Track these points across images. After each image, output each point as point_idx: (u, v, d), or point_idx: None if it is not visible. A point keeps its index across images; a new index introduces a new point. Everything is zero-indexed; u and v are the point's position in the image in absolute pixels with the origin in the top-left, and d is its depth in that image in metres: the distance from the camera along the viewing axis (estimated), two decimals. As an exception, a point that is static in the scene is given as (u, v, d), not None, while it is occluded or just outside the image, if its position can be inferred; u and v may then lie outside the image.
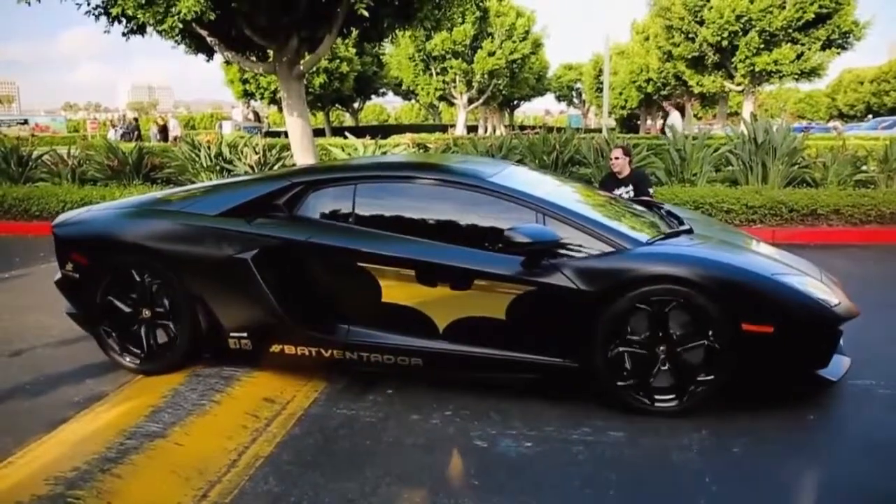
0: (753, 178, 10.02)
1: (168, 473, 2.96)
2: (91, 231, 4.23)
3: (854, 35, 23.11)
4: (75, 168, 10.99)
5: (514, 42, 30.27)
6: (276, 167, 10.10)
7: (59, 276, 4.31)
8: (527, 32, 31.04)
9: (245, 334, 3.91)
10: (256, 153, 10.14)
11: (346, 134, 12.81)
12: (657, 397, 3.48)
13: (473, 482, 2.90)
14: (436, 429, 3.39)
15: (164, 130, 23.48)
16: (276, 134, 23.33)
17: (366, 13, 8.41)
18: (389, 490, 2.84)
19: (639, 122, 47.87)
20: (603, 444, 3.21)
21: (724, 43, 23.68)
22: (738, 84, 24.86)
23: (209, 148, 10.35)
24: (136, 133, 24.25)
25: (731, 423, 3.40)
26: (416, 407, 3.61)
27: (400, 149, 10.72)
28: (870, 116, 36.10)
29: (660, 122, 44.81)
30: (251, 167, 10.07)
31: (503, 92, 33.67)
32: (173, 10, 7.94)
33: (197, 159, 10.34)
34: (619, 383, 3.48)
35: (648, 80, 37.55)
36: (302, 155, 10.30)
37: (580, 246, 3.57)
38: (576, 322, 3.47)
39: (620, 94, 42.82)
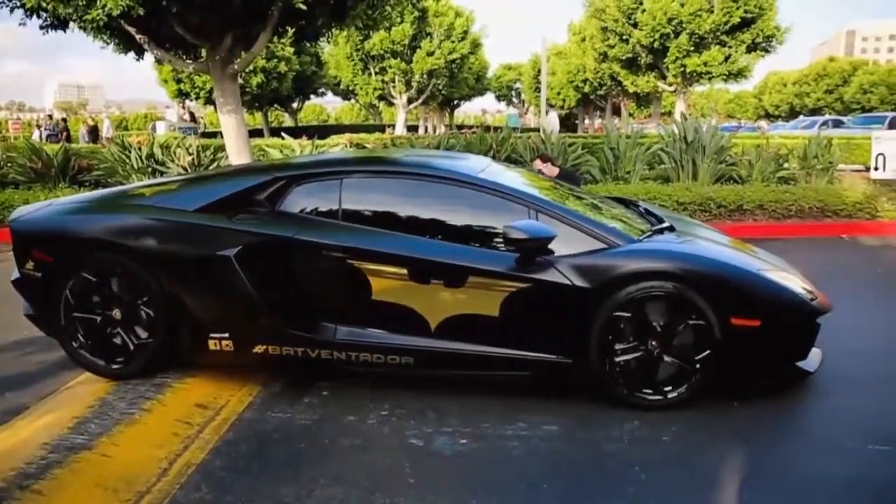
0: (684, 175, 10.33)
1: (94, 487, 2.85)
2: (56, 226, 3.97)
3: (776, 39, 24.05)
4: (-5, 171, 10.52)
5: (453, 42, 30.34)
6: (210, 168, 9.88)
7: (16, 275, 4.04)
8: (465, 32, 31.15)
9: (227, 335, 3.73)
10: (190, 154, 9.91)
11: (283, 134, 12.61)
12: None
13: (409, 481, 2.90)
14: (372, 429, 3.37)
15: (94, 131, 22.70)
16: (213, 134, 22.80)
17: (303, 7, 8.29)
18: (325, 492, 2.81)
19: (577, 122, 48.67)
20: (537, 439, 3.25)
21: (657, 45, 24.31)
22: (671, 84, 25.57)
23: (140, 149, 10.06)
24: (64, 134, 23.36)
25: (662, 412, 3.49)
26: (352, 408, 3.59)
27: (337, 149, 10.61)
28: (802, 117, 37.61)
29: (598, 121, 45.71)
30: (184, 168, 9.83)
31: (443, 92, 33.70)
32: (96, 3, 7.66)
33: (127, 161, 10.04)
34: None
35: (585, 80, 38.16)
36: (237, 156, 10.09)
37: (572, 243, 3.58)
38: (570, 318, 3.49)
39: (559, 93, 43.44)
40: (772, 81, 61.33)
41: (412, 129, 37.82)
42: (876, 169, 9.76)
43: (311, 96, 42.13)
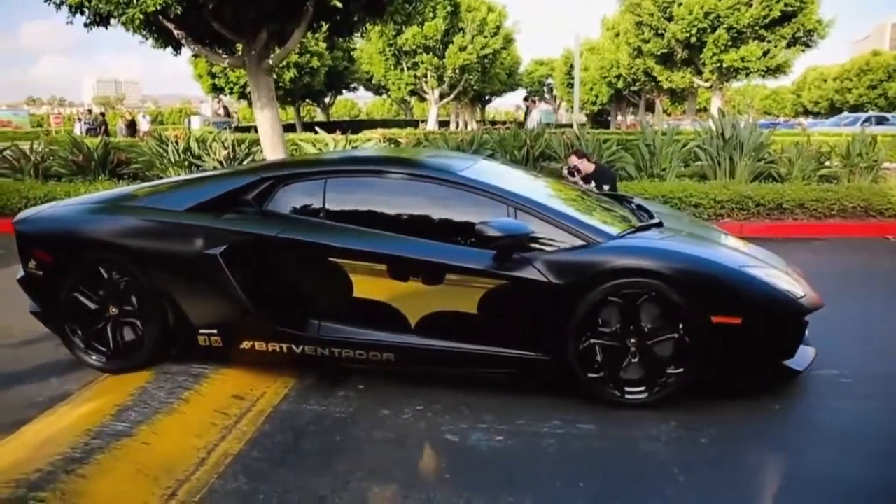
0: (721, 172, 10.17)
1: (135, 473, 2.91)
2: (55, 228, 4.15)
3: (818, 33, 23.56)
4: (38, 163, 10.78)
5: (485, 37, 30.31)
6: (245, 162, 10.00)
7: (21, 274, 4.22)
8: (498, 27, 31.10)
9: (215, 331, 3.86)
10: (225, 148, 10.03)
11: (317, 129, 12.70)
12: (627, 389, 3.51)
13: (445, 476, 2.91)
14: (406, 423, 3.39)
15: (132, 126, 23.12)
16: (246, 129, 23.07)
17: (339, 4, 8.35)
18: (360, 485, 2.83)
19: (609, 118, 48.25)
20: (573, 437, 3.24)
21: (693, 39, 23.99)
22: (707, 80, 25.21)
23: (177, 143, 10.21)
24: (102, 128, 23.85)
25: (699, 413, 3.45)
26: (387, 402, 3.61)
27: (370, 144, 10.65)
28: (846, 113, 36.83)
29: (630, 117, 45.26)
30: (220, 162, 9.96)
31: (474, 87, 33.71)
32: (135, 1, 7.81)
33: (164, 155, 10.20)
34: (590, 376, 3.51)
35: (619, 76, 37.83)
36: (271, 150, 10.21)
37: (551, 240, 3.57)
38: (547, 315, 3.49)
39: (591, 89, 43.12)
40: (811, 77, 60.02)
41: (444, 124, 37.81)
42: None
43: (343, 91, 42.36)
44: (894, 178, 10.13)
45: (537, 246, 3.55)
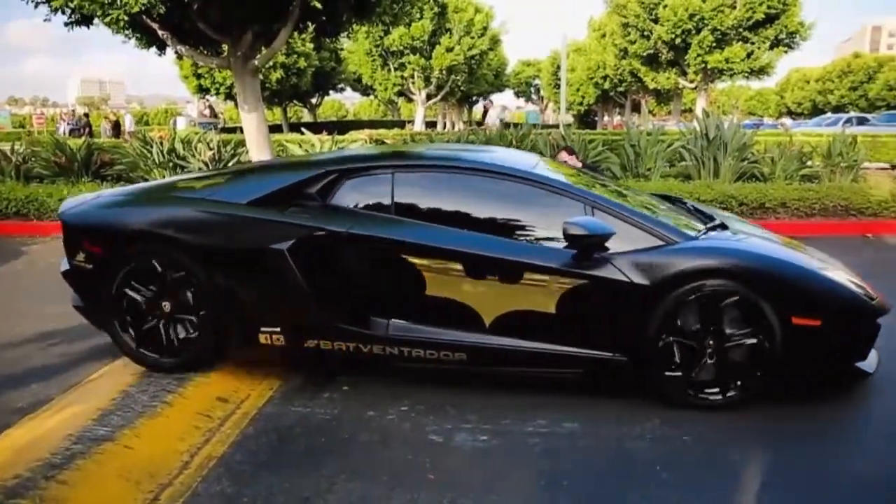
0: (705, 172, 10.24)
1: (117, 478, 2.88)
2: (107, 219, 3.97)
3: (800, 35, 23.80)
4: (20, 165, 10.66)
5: (472, 38, 30.32)
6: (230, 163, 9.95)
7: (65, 266, 4.07)
8: (485, 28, 31.12)
9: (278, 329, 3.72)
10: (210, 149, 9.98)
11: (303, 130, 12.66)
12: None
13: (429, 476, 2.89)
14: (391, 424, 3.37)
15: (117, 126, 22.94)
16: (233, 130, 22.93)
17: (319, 5, 8.32)
18: (345, 487, 2.82)
19: (596, 118, 48.44)
20: (558, 436, 3.24)
21: (678, 41, 24.15)
22: (692, 81, 25.38)
23: (161, 144, 10.14)
24: (86, 129, 23.64)
25: (683, 411, 3.47)
26: (372, 403, 3.59)
27: (357, 144, 10.63)
28: (828, 114, 37.20)
29: (617, 117, 45.46)
30: (205, 163, 9.90)
31: (462, 88, 33.72)
32: (120, 1, 7.74)
33: (149, 156, 10.13)
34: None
35: (605, 77, 38.01)
36: (257, 151, 10.16)
37: (629, 239, 3.53)
38: (627, 316, 3.46)
39: (578, 90, 43.30)
40: (794, 78, 60.70)
41: (431, 125, 37.83)
42: None
43: (330, 92, 42.27)
44: (873, 177, 10.29)
45: (615, 245, 3.50)
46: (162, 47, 9.95)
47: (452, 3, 29.59)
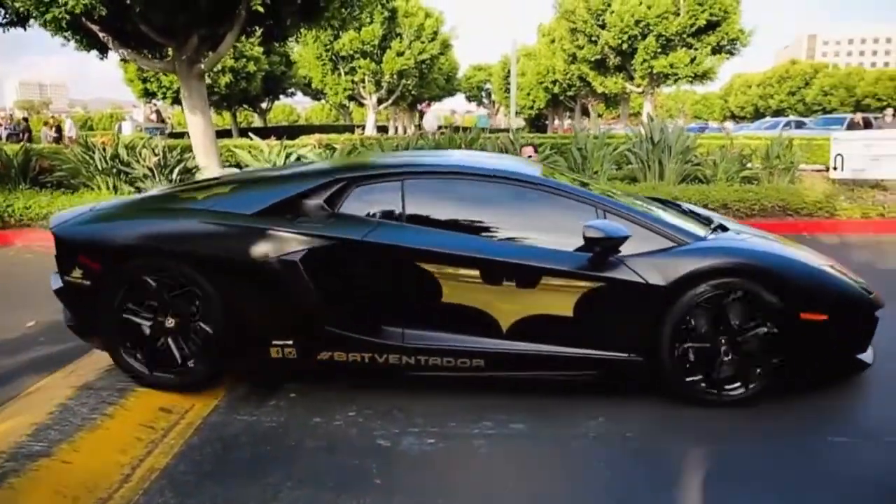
0: (651, 175, 10.45)
1: (53, 494, 2.79)
2: (108, 232, 3.78)
3: (740, 42, 24.50)
4: (-48, 172, 10.23)
5: (422, 42, 30.37)
6: (176, 169, 9.76)
7: (58, 284, 3.84)
8: (435, 33, 31.20)
9: (290, 342, 3.64)
10: (156, 155, 9.76)
11: (250, 135, 12.51)
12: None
13: (376, 481, 2.89)
14: (339, 430, 3.36)
15: (59, 131, 22.29)
16: (181, 135, 22.52)
17: (261, 9, 8.23)
18: (291, 494, 2.79)
19: (547, 122, 48.99)
20: (504, 437, 3.27)
21: (625, 46, 24.61)
22: (638, 86, 25.90)
23: (104, 150, 9.87)
24: (26, 134, 22.91)
25: (626, 409, 3.55)
26: (319, 409, 3.57)
27: (306, 150, 10.54)
28: (767, 118, 38.36)
29: (567, 121, 46.05)
30: (150, 170, 9.68)
31: (412, 92, 33.73)
32: (58, 1, 7.52)
33: (91, 162, 9.85)
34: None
35: (555, 82, 38.51)
36: (204, 156, 10.01)
37: (639, 241, 3.59)
38: (642, 316, 3.51)
39: (528, 94, 43.74)
40: (737, 83, 62.49)
41: (382, 129, 37.73)
42: (835, 169, 10.01)
43: (281, 96, 41.90)
44: (809, 179, 10.67)
45: (628, 248, 3.54)
46: (104, 50, 9.71)
47: (402, 8, 29.59)
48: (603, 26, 25.02)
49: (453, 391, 3.73)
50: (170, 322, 3.67)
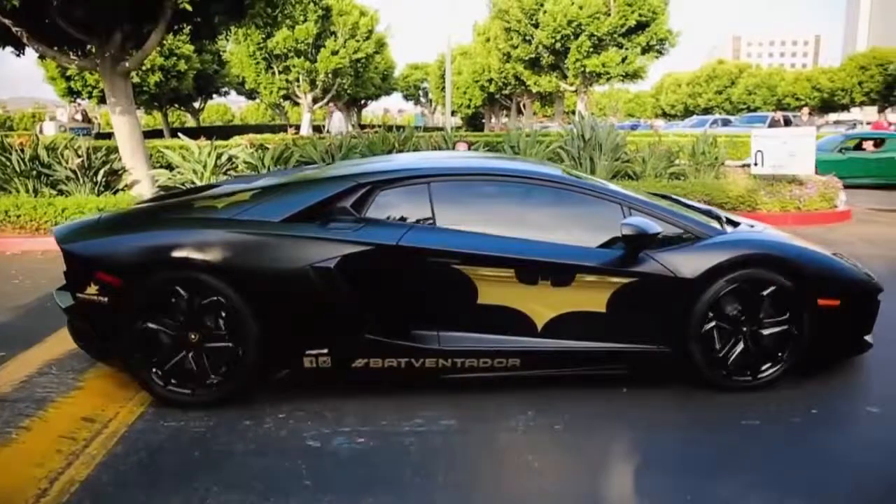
0: (583, 171, 10.59)
1: (-36, 509, 2.68)
2: (128, 245, 3.62)
3: (669, 42, 25.16)
4: None
5: (357, 41, 30.11)
6: (102, 171, 9.44)
7: (69, 301, 3.67)
8: (370, 32, 30.98)
9: (325, 350, 3.58)
10: (79, 156, 9.41)
11: (180, 135, 12.19)
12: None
13: (305, 483, 2.87)
14: (268, 433, 3.32)
15: (-26, 132, 21.23)
16: (108, 135, 21.81)
17: (188, 6, 8.03)
18: (218, 499, 2.74)
19: (483, 121, 49.31)
20: (434, 434, 3.29)
21: (558, 45, 24.96)
22: (572, 84, 26.32)
23: (22, 151, 9.46)
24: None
25: (556, 402, 3.62)
26: (249, 412, 3.52)
27: (237, 150, 10.33)
28: (695, 116, 39.53)
29: (504, 120, 46.48)
30: (74, 172, 9.33)
31: (348, 91, 33.45)
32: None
33: (8, 164, 9.41)
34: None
35: (490, 80, 38.76)
36: (130, 157, 9.72)
37: (667, 236, 3.73)
38: (671, 309, 3.64)
39: (465, 93, 43.90)
40: (667, 82, 64.11)
41: (318, 129, 37.33)
42: (755, 164, 10.30)
43: (214, 96, 40.91)
44: (732, 174, 11.11)
45: (657, 243, 3.66)
46: (19, 46, 9.31)
47: (337, 7, 29.29)
48: (536, 26, 25.33)
49: (385, 390, 3.73)
50: (199, 337, 3.55)
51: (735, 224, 4.30)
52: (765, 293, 3.68)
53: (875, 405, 3.65)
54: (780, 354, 3.76)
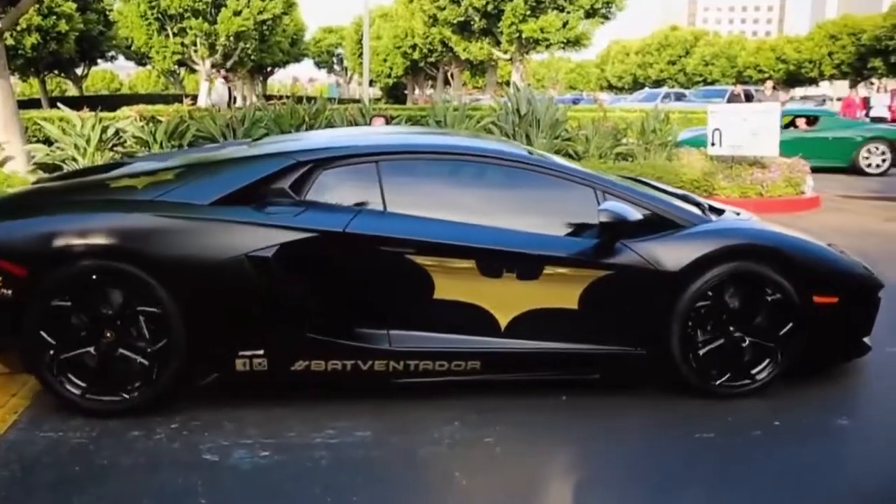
0: (519, 151, 10.80)
1: None
2: (37, 231, 3.53)
3: (616, 5, 25.63)
4: None
5: (263, 1, 29.67)
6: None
7: None
8: (278, -11, 30.60)
9: (261, 352, 3.53)
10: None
11: (60, 105, 11.83)
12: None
13: (201, 501, 2.87)
14: (159, 445, 3.31)
15: None
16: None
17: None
18: (101, 522, 2.75)
19: (406, 92, 49.20)
20: (348, 447, 3.31)
21: (491, 8, 25.13)
22: (506, 52, 26.54)
23: None
24: None
25: (486, 411, 3.65)
26: (137, 422, 3.48)
27: (126, 123, 10.11)
28: (645, 89, 40.22)
29: (429, 91, 46.51)
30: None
31: (252, 57, 33.07)
32: None
33: None
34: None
35: (414, 46, 38.77)
36: (3, 129, 9.53)
37: (647, 224, 3.69)
38: (651, 306, 3.63)
39: (385, 60, 43.73)
40: (614, 51, 65.17)
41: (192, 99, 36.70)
42: (713, 144, 10.28)
43: (99, 61, 39.83)
44: (686, 155, 11.08)
45: (635, 232, 3.64)
46: None
47: (240, -39, 28.80)
48: (467, -16, 25.41)
49: (291, 398, 3.74)
50: (116, 336, 3.49)
51: (719, 212, 4.32)
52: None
53: (845, 416, 3.77)
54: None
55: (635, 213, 3.61)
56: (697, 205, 4.34)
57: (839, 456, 3.41)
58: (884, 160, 14.98)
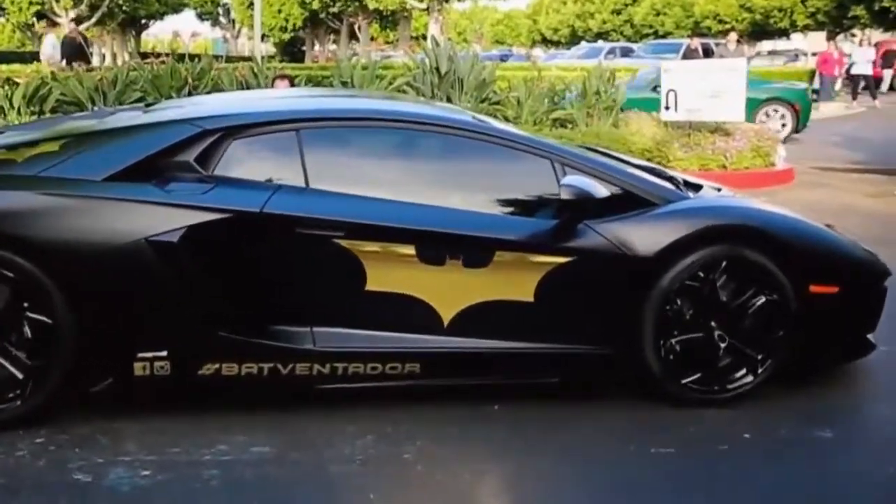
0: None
1: None
2: None
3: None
4: None
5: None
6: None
7: None
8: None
9: (163, 353, 3.53)
10: None
11: None
12: (717, 381, 3.82)
13: (70, 531, 2.92)
14: (21, 463, 3.30)
15: None
16: None
17: None
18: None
19: (304, 49, 48.90)
20: (243, 464, 3.35)
21: (403, -54, 25.19)
22: (421, 0, 26.64)
23: None
24: None
25: (404, 423, 3.71)
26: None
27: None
28: (584, 43, 40.69)
29: (331, 46, 46.33)
30: None
31: (124, 8, 32.44)
32: None
33: None
34: (671, 369, 3.77)
35: (314, -6, 38.46)
36: None
37: (614, 201, 3.72)
38: (621, 297, 3.69)
39: (280, 11, 43.27)
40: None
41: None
42: (667, 108, 10.44)
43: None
44: (636, 121, 11.20)
45: (601, 210, 3.66)
46: None
47: None
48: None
49: (176, 410, 3.77)
50: None
51: (696, 187, 4.40)
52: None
53: (828, 428, 3.79)
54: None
55: (602, 190, 3.67)
56: (670, 179, 4.43)
57: (819, 476, 3.48)
58: (783, 125, 15.31)
